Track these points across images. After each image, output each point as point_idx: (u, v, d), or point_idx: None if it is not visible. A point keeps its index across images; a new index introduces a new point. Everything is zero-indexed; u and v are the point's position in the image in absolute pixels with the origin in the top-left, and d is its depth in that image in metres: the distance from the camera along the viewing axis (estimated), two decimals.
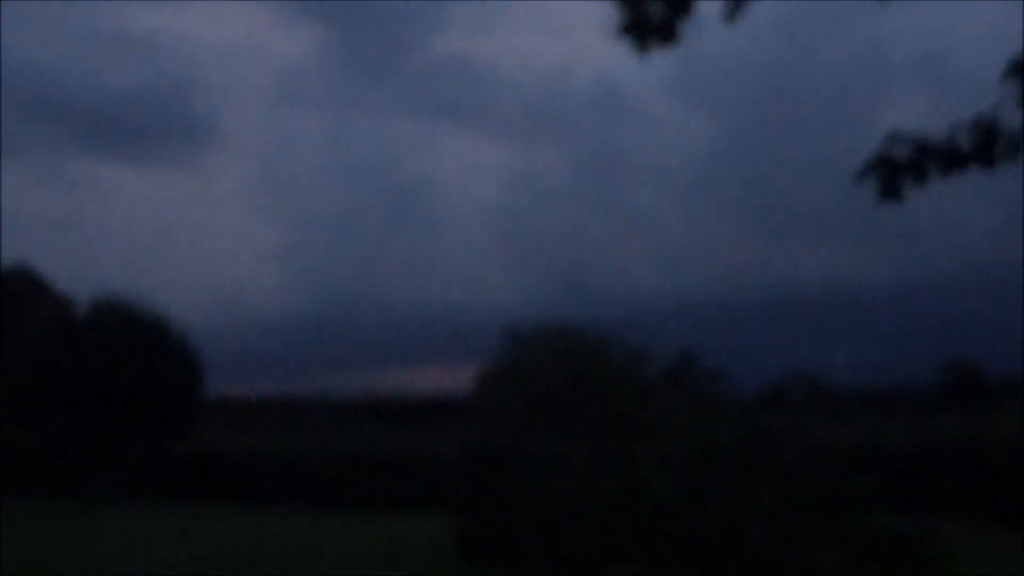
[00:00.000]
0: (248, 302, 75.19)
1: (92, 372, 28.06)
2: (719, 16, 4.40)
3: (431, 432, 28.22)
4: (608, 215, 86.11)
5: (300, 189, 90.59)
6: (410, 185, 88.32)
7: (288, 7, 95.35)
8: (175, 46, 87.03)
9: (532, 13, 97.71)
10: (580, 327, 18.27)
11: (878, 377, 54.83)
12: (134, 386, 28.25)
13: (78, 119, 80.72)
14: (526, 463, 12.25)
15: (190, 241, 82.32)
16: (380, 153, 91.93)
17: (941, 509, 17.80)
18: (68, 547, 17.56)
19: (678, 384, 32.13)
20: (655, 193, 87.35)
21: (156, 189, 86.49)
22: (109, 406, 27.88)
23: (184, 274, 72.94)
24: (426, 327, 72.33)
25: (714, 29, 4.35)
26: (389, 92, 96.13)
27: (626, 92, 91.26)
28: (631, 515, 7.71)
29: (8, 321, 31.64)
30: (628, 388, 16.61)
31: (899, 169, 3.89)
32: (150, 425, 28.95)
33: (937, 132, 3.94)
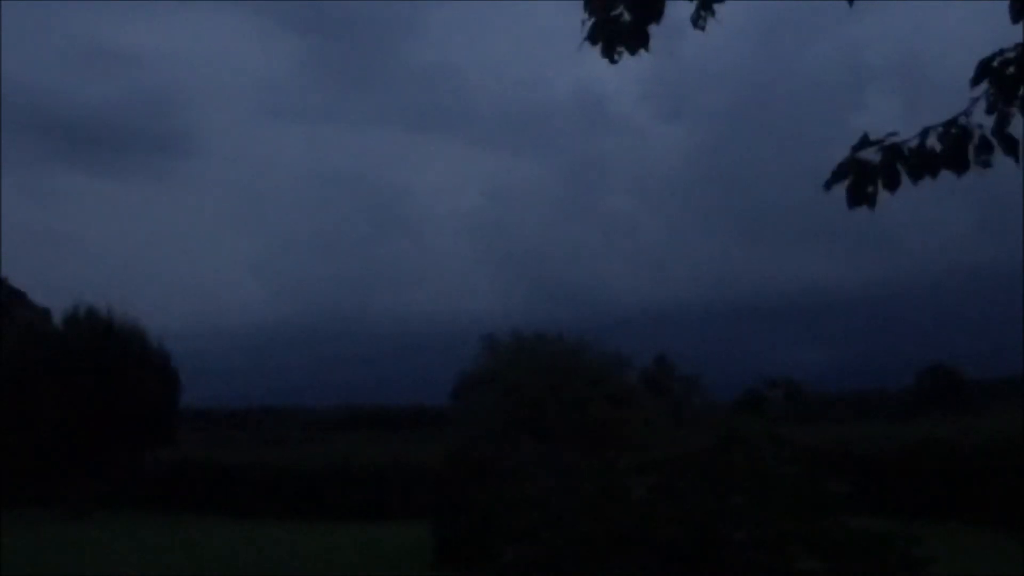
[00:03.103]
0: (229, 312, 75.06)
1: (70, 383, 27.90)
2: (691, 21, 4.37)
3: (410, 441, 28.18)
4: (587, 222, 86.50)
5: (280, 200, 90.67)
6: (390, 195, 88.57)
7: (267, 20, 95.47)
8: (157, 60, 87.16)
9: (510, 22, 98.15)
10: (558, 334, 18.24)
11: (857, 381, 55.19)
12: (112, 397, 28.09)
13: (59, 132, 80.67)
14: (504, 470, 12.20)
15: (170, 252, 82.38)
16: (360, 163, 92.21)
17: (921, 512, 17.87)
18: (47, 559, 17.43)
19: (656, 390, 32.24)
20: (633, 200, 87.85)
21: (136, 201, 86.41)
22: (87, 417, 27.70)
23: (164, 285, 72.76)
24: (405, 336, 72.34)
25: (691, 37, 4.33)
26: (369, 103, 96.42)
27: (605, 100, 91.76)
28: (609, 522, 7.69)
29: None
30: (606, 394, 16.58)
31: (870, 174, 3.87)
32: (129, 436, 28.77)
33: (912, 135, 3.92)
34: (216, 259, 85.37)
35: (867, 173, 3.88)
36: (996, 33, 3.84)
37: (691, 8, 4.35)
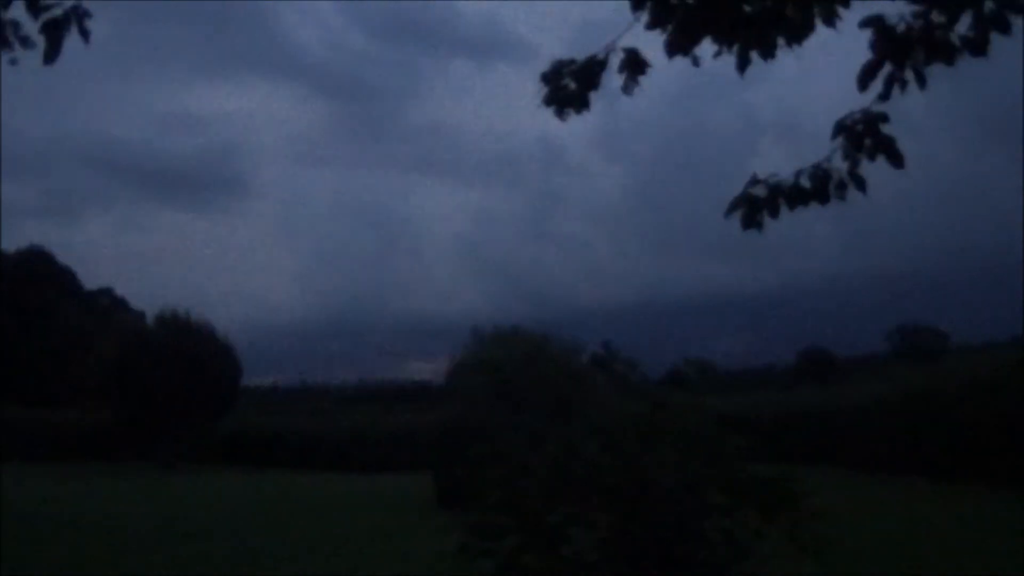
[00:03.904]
0: (275, 313, 74.98)
1: (160, 368, 28.11)
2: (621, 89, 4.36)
3: (415, 411, 28.07)
4: (548, 241, 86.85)
5: (315, 227, 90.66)
6: (398, 222, 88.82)
7: (303, 87, 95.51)
8: (223, 121, 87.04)
9: (488, 88, 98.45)
10: (528, 327, 18.25)
11: (754, 360, 55.55)
12: (191, 378, 28.24)
13: (147, 177, 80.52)
14: (488, 434, 12.15)
15: (231, 267, 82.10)
16: (375, 198, 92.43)
17: (799, 459, 17.96)
18: (144, 495, 17.36)
19: (604, 369, 32.20)
20: (584, 224, 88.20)
21: (206, 229, 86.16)
22: (172, 394, 27.84)
23: (227, 292, 72.70)
24: (410, 329, 72.59)
25: (626, 99, 4.34)
26: (381, 152, 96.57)
27: (562, 147, 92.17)
28: (567, 472, 7.66)
29: (97, 330, 32.86)
30: (566, 374, 16.50)
31: (758, 205, 3.92)
32: (203, 408, 28.89)
33: (788, 175, 3.99)
34: (266, 272, 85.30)
35: (756, 204, 3.93)
36: (854, 96, 3.92)
37: (622, 78, 4.36)
